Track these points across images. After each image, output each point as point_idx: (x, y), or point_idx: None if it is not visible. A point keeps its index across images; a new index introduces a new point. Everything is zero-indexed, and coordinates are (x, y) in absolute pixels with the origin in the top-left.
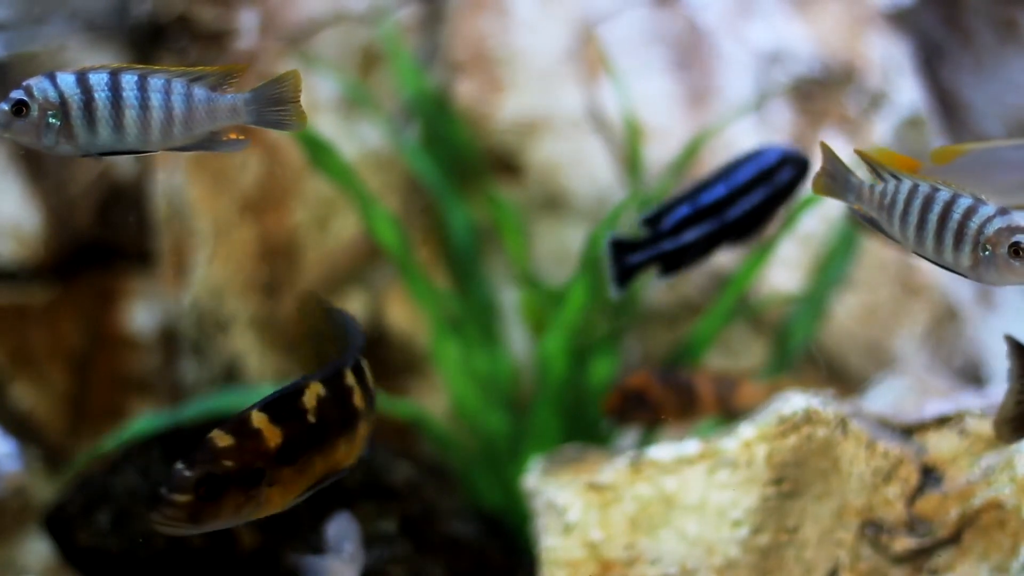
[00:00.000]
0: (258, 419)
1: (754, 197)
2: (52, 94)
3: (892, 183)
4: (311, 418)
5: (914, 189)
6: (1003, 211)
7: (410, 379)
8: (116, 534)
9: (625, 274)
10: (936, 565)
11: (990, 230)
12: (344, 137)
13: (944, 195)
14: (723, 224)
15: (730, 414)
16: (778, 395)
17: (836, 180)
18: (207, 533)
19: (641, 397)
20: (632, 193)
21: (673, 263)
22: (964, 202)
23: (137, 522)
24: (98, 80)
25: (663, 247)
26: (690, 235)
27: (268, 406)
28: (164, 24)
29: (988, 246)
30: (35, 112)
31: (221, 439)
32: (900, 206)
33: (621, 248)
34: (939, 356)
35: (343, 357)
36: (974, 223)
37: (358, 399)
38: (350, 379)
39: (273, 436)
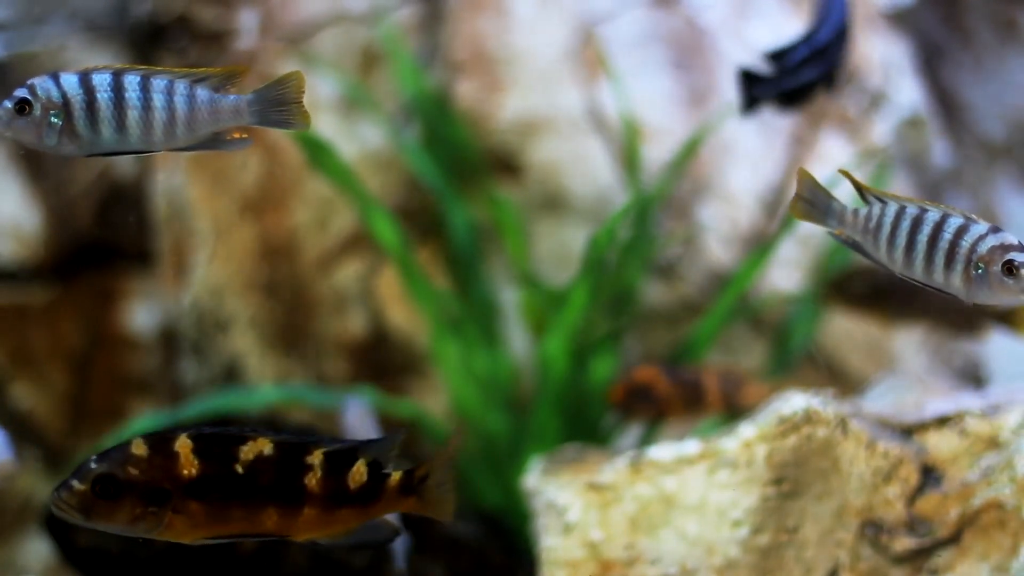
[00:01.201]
0: (182, 444)
1: (847, 42)
2: (55, 94)
3: (877, 206)
4: (238, 468)
5: (901, 211)
6: (995, 229)
7: (410, 379)
8: (116, 534)
9: (752, 103)
10: (936, 565)
11: (983, 248)
12: (344, 137)
13: (934, 215)
14: (830, 66)
15: (734, 412)
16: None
17: (815, 206)
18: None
19: (647, 391)
20: (634, 197)
21: (790, 100)
22: (955, 221)
23: None
24: (101, 80)
25: (784, 84)
26: (807, 74)
27: (199, 437)
28: (164, 24)
29: (981, 264)
30: (38, 111)
31: (138, 447)
32: (887, 228)
33: (749, 79)
34: (939, 356)
35: (325, 438)
36: (966, 242)
37: (313, 482)
38: (314, 459)
39: (189, 465)
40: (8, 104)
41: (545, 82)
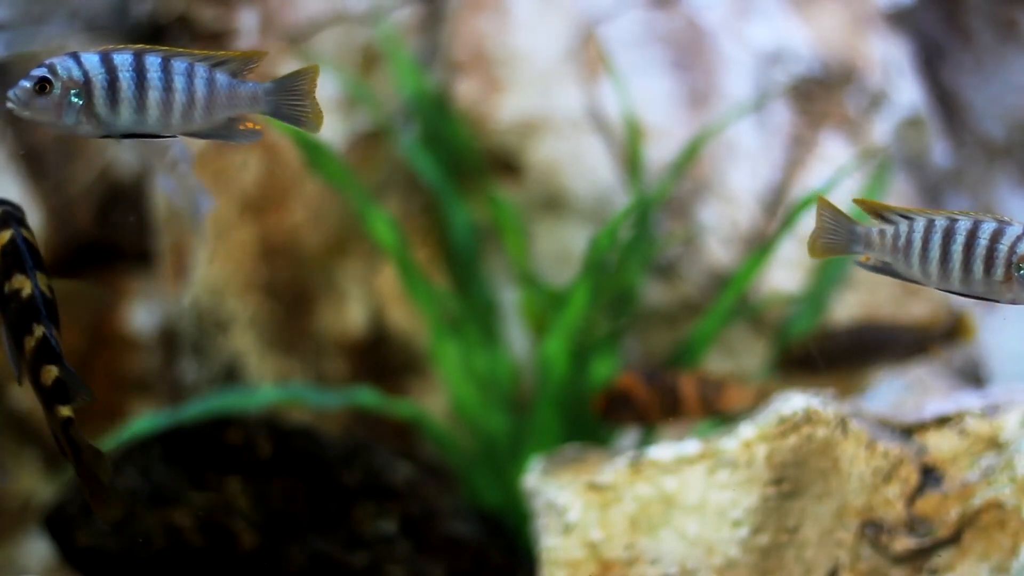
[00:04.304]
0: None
1: None
2: (76, 73)
3: (904, 224)
4: (5, 287)
5: (930, 225)
6: None
7: (410, 379)
8: (116, 534)
9: None
10: (936, 565)
11: (1023, 248)
12: (344, 137)
13: (965, 224)
14: None
15: (716, 416)
16: (764, 398)
17: (838, 236)
18: (206, 533)
19: (626, 399)
20: (636, 197)
21: None
22: (989, 226)
23: (137, 522)
24: (122, 60)
25: None
26: None
27: (14, 243)
28: (164, 24)
29: (1022, 264)
30: (58, 90)
31: None
32: (918, 244)
33: None
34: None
35: (56, 341)
36: (1004, 244)
37: (29, 344)
38: (36, 331)
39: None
40: (27, 84)
41: (545, 82)
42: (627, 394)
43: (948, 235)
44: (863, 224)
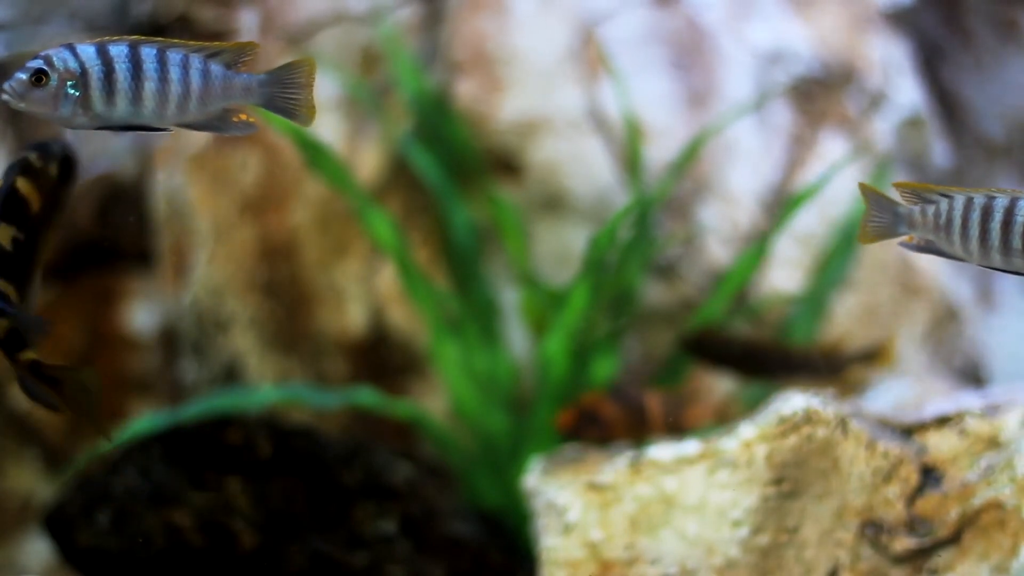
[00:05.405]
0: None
1: None
2: (73, 64)
3: (944, 202)
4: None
5: (969, 202)
6: None
7: (410, 379)
8: (116, 534)
9: None
10: (936, 565)
11: None
12: (344, 137)
13: (1002, 201)
14: None
15: (680, 432)
16: (724, 414)
17: (883, 218)
18: (206, 533)
19: (593, 415)
20: (635, 197)
21: None
22: None
23: (137, 522)
24: (118, 52)
25: None
26: None
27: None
28: (164, 24)
29: None
30: (54, 82)
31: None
32: (958, 222)
33: None
34: (939, 356)
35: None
36: None
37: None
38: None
39: (36, 200)
40: (23, 75)
41: (545, 82)
42: (595, 412)
43: (986, 213)
44: (904, 205)
